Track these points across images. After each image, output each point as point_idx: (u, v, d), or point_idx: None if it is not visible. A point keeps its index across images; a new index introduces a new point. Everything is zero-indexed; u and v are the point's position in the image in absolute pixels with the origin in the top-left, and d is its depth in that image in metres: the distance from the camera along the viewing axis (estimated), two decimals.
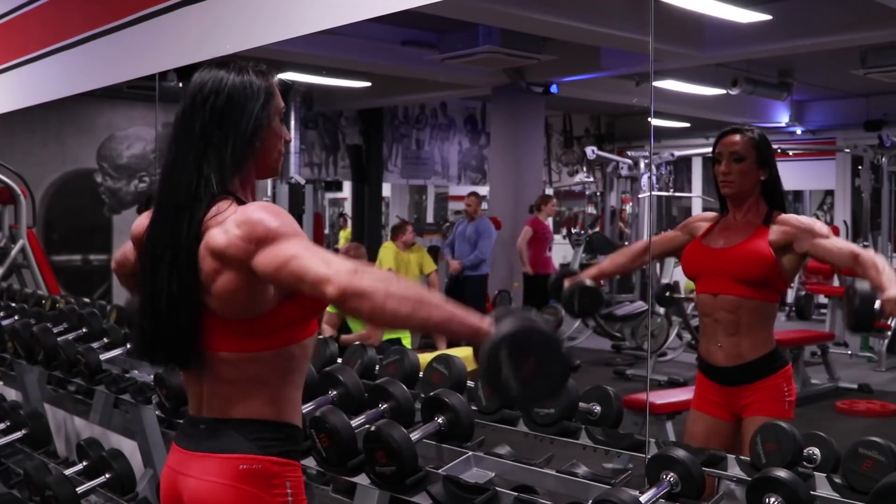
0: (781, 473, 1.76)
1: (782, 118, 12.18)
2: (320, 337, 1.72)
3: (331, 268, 1.46)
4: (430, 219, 14.51)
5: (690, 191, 12.24)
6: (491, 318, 1.48)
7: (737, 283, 2.62)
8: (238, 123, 1.63)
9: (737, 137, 2.67)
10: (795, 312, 6.13)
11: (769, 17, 6.58)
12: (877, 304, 2.35)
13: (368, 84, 9.92)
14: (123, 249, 1.92)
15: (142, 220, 1.75)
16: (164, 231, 1.62)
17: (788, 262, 2.63)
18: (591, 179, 12.25)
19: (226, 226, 1.56)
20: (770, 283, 2.62)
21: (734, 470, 2.01)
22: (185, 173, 1.61)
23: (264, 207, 1.57)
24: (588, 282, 2.89)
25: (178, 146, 1.65)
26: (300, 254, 1.50)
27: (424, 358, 2.69)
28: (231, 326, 1.60)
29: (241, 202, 1.62)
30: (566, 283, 2.91)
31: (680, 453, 1.86)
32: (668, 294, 6.77)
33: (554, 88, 9.57)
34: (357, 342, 4.64)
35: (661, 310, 7.30)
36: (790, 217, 2.65)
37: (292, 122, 9.95)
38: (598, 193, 11.28)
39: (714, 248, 2.70)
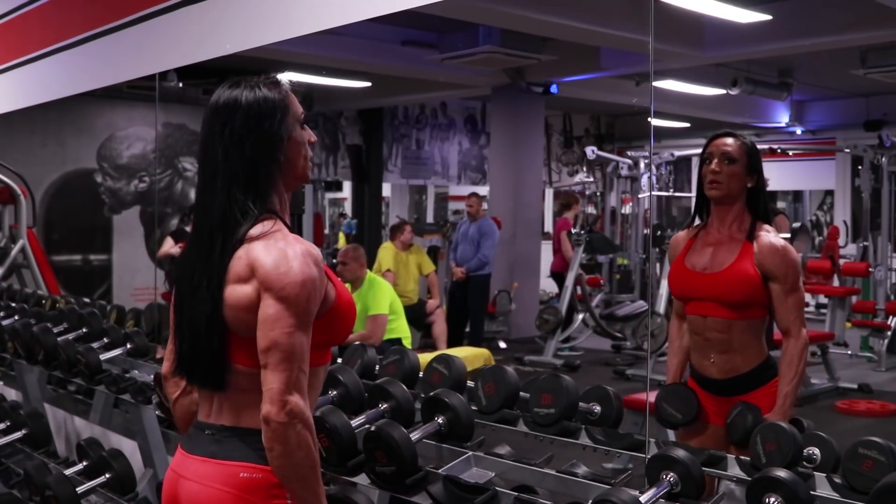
0: (781, 473, 1.76)
1: (782, 118, 12.18)
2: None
3: (282, 396, 1.54)
4: (430, 219, 14.50)
5: (690, 191, 12.23)
6: None
7: (724, 307, 2.60)
8: (260, 143, 1.65)
9: (730, 140, 2.65)
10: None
11: (769, 17, 6.57)
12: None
13: (368, 84, 9.92)
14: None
15: (169, 246, 1.78)
16: (199, 258, 1.66)
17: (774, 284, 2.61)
18: (591, 179, 12.25)
19: (269, 246, 1.60)
20: (758, 302, 2.59)
21: (734, 470, 2.01)
22: (215, 200, 1.65)
23: (306, 259, 1.60)
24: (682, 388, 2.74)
25: (204, 174, 1.69)
26: (285, 348, 1.55)
27: (424, 358, 2.70)
28: (248, 343, 1.62)
29: (282, 220, 1.67)
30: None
31: (680, 453, 1.86)
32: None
33: (554, 88, 9.57)
34: (357, 342, 4.65)
35: (661, 309, 7.30)
36: (771, 248, 2.57)
37: None
38: (598, 193, 11.29)
39: (699, 273, 2.65)
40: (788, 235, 5.72)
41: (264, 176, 1.65)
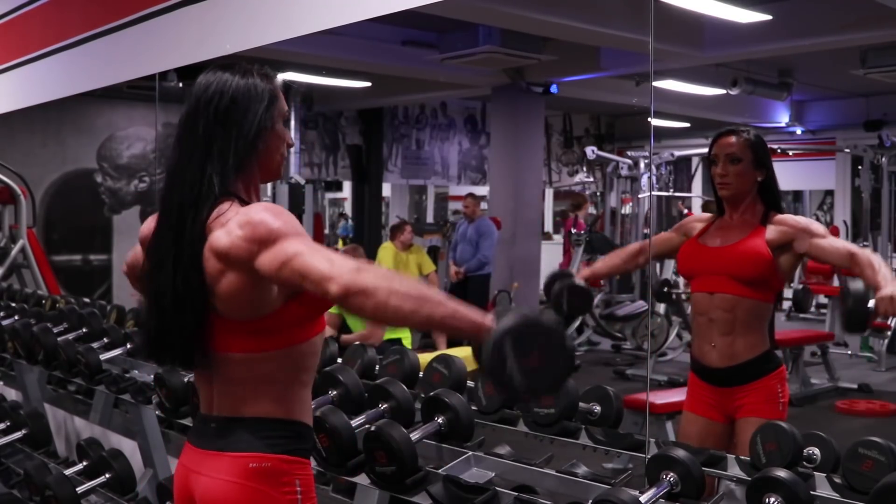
0: (781, 473, 1.76)
1: (782, 118, 12.17)
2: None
3: (333, 266, 1.46)
4: (430, 219, 14.50)
5: (690, 191, 12.23)
6: (492, 315, 1.49)
7: (733, 282, 2.61)
8: (241, 125, 1.64)
9: (733, 139, 2.66)
10: (794, 305, 6.15)
11: (769, 17, 6.57)
12: (871, 304, 2.35)
13: (368, 84, 9.91)
14: (134, 252, 1.92)
15: (150, 223, 1.76)
16: (169, 232, 1.63)
17: (785, 262, 2.63)
18: (591, 179, 12.24)
19: (228, 227, 1.57)
20: (766, 283, 2.62)
21: (734, 470, 2.01)
22: (188, 174, 1.62)
23: (266, 208, 1.58)
24: (578, 281, 2.88)
25: (181, 147, 1.66)
26: (302, 252, 1.50)
27: (424, 358, 2.70)
28: (239, 327, 1.61)
29: (243, 203, 1.63)
30: (557, 285, 2.90)
31: (680, 453, 1.86)
32: (665, 290, 6.79)
33: (554, 88, 9.56)
34: (357, 342, 4.64)
35: (661, 309, 7.30)
36: (787, 217, 2.65)
37: (292, 122, 9.95)
38: (598, 193, 11.28)
39: (710, 247, 2.70)
40: None
41: (240, 159, 1.63)
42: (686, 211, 9.50)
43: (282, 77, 1.75)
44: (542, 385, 1.51)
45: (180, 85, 8.40)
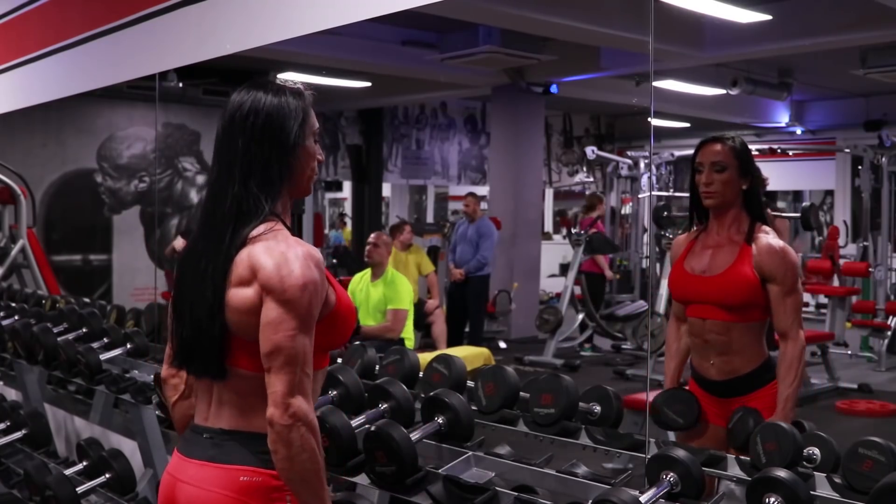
0: (781, 473, 1.76)
1: (782, 118, 12.17)
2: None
3: (285, 399, 1.55)
4: (430, 219, 14.50)
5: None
6: None
7: (723, 310, 2.58)
8: (277, 142, 1.67)
9: (718, 146, 2.60)
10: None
11: (769, 17, 6.57)
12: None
13: (368, 84, 9.91)
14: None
15: (181, 243, 1.78)
16: (209, 244, 1.66)
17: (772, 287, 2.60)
18: (591, 179, 12.24)
19: (270, 248, 1.61)
20: (757, 305, 2.58)
21: (734, 470, 2.01)
22: (231, 189, 1.65)
23: (307, 262, 1.60)
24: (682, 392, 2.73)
25: (220, 164, 1.69)
26: (289, 350, 1.56)
27: (424, 358, 2.69)
28: (249, 347, 1.62)
29: (284, 224, 1.67)
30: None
31: (680, 453, 1.86)
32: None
33: (554, 88, 9.57)
34: (377, 333, 4.61)
35: (661, 309, 7.30)
36: (769, 249, 2.55)
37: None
38: (598, 193, 11.28)
39: (698, 276, 2.64)
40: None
41: (277, 177, 1.67)
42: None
43: (309, 90, 1.78)
44: None
45: (180, 85, 8.42)
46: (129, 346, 3.38)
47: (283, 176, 1.68)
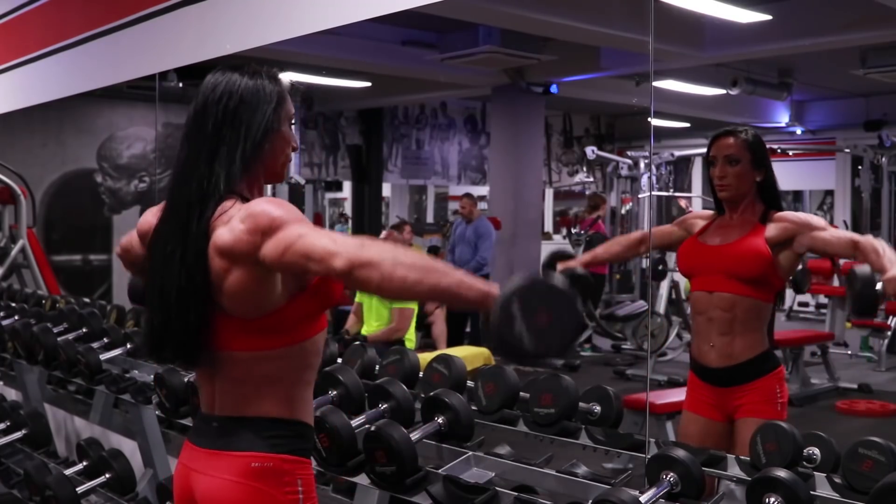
0: (781, 473, 1.76)
1: (782, 118, 12.17)
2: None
3: (337, 243, 1.48)
4: (430, 219, 14.50)
5: (691, 191, 12.22)
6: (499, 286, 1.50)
7: (733, 281, 2.60)
8: (250, 125, 1.64)
9: (731, 139, 2.64)
10: (793, 285, 6.15)
11: (769, 17, 6.57)
12: (879, 286, 2.34)
13: (368, 84, 9.91)
14: (130, 236, 1.93)
15: (148, 217, 1.77)
16: (175, 228, 1.63)
17: (785, 260, 2.62)
18: (591, 179, 12.23)
19: (231, 224, 1.58)
20: (766, 281, 2.61)
21: (734, 470, 2.01)
22: (196, 171, 1.63)
23: (267, 200, 1.59)
24: (579, 270, 2.86)
25: (189, 145, 1.67)
26: (305, 234, 1.51)
27: (424, 358, 2.70)
28: (243, 325, 1.61)
29: (246, 201, 1.63)
30: (558, 268, 2.87)
31: (680, 453, 1.86)
32: (660, 267, 6.86)
33: (554, 88, 9.56)
34: (384, 336, 4.59)
35: (661, 309, 7.30)
36: (787, 213, 2.64)
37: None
38: (600, 193, 11.27)
39: (710, 246, 2.69)
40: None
41: (247, 159, 1.64)
42: (689, 209, 9.49)
43: (288, 78, 1.75)
44: (552, 344, 1.47)
45: (180, 85, 8.41)
46: (129, 346, 3.38)
47: (256, 159, 1.65)
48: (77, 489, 3.04)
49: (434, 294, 1.50)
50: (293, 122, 1.74)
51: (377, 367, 2.70)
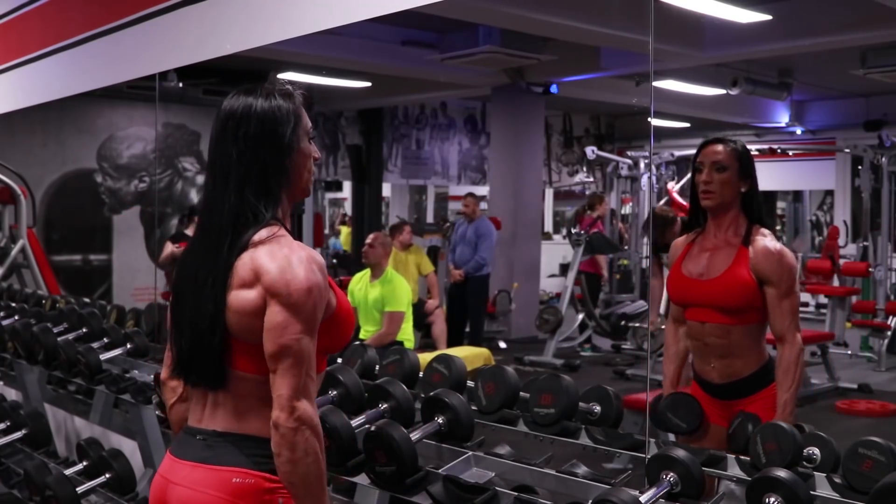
0: (781, 473, 1.76)
1: (782, 118, 12.17)
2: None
3: (291, 401, 1.55)
4: (430, 219, 14.50)
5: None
6: None
7: (723, 313, 2.59)
8: (271, 150, 1.66)
9: (720, 147, 2.62)
10: None
11: (769, 17, 6.57)
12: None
13: (368, 84, 9.91)
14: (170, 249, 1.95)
15: (169, 250, 1.78)
16: (208, 255, 1.65)
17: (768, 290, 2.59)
18: (591, 179, 12.24)
19: (273, 252, 1.61)
20: (755, 307, 2.58)
21: (734, 470, 2.01)
22: (227, 199, 1.65)
23: (310, 265, 1.61)
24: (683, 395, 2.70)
25: (215, 174, 1.69)
26: (295, 353, 1.57)
27: (424, 358, 2.69)
28: (250, 349, 1.62)
29: (285, 227, 1.67)
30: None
31: (680, 453, 1.86)
32: (623, 323, 6.89)
33: (554, 88, 9.57)
34: (375, 344, 4.58)
35: (662, 309, 7.29)
36: (765, 252, 2.55)
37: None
38: (600, 193, 11.28)
39: (696, 280, 2.64)
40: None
41: (275, 182, 1.67)
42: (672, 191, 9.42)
43: (300, 85, 1.76)
44: None
45: (180, 85, 8.42)
46: (129, 346, 3.38)
47: (281, 181, 1.68)
48: (77, 489, 3.03)
49: (295, 490, 1.60)
50: (312, 135, 1.76)
51: (377, 367, 2.70)
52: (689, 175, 4.11)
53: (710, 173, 2.61)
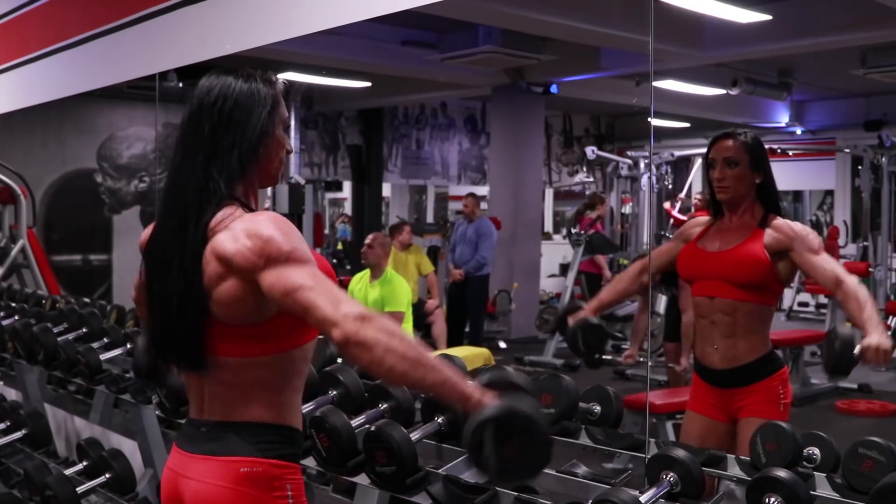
0: (781, 473, 1.76)
1: (782, 118, 12.17)
2: (319, 337, 1.71)
3: (338, 310, 1.48)
4: (430, 219, 14.50)
5: (691, 191, 12.23)
6: (481, 385, 1.54)
7: (733, 287, 2.61)
8: (245, 129, 1.64)
9: (730, 142, 2.65)
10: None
11: (769, 17, 6.57)
12: (857, 350, 2.34)
13: (368, 84, 9.91)
14: (139, 278, 1.90)
15: (147, 231, 1.76)
16: (173, 233, 1.63)
17: (784, 267, 2.62)
18: (591, 179, 12.24)
19: (234, 232, 1.57)
20: (766, 286, 2.61)
21: (734, 470, 2.01)
22: (193, 176, 1.62)
23: (275, 223, 1.57)
24: (591, 319, 2.79)
25: (184, 149, 1.66)
26: (309, 287, 1.51)
27: None
28: (233, 332, 1.61)
29: (247, 207, 1.64)
30: (570, 321, 2.81)
31: (680, 453, 1.86)
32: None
33: (554, 88, 9.57)
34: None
35: (661, 309, 7.29)
36: (784, 224, 2.62)
37: (293, 123, 9.94)
38: (600, 193, 11.28)
39: (709, 252, 2.69)
40: None
41: (243, 163, 1.64)
42: (671, 210, 9.44)
43: (283, 78, 1.75)
44: (515, 474, 1.56)
45: (180, 85, 8.42)
46: (129, 346, 3.38)
47: (250, 163, 1.65)
48: (77, 489, 3.03)
49: (417, 387, 1.56)
50: (287, 125, 1.74)
51: None
52: (683, 192, 4.18)
53: (722, 169, 2.65)
